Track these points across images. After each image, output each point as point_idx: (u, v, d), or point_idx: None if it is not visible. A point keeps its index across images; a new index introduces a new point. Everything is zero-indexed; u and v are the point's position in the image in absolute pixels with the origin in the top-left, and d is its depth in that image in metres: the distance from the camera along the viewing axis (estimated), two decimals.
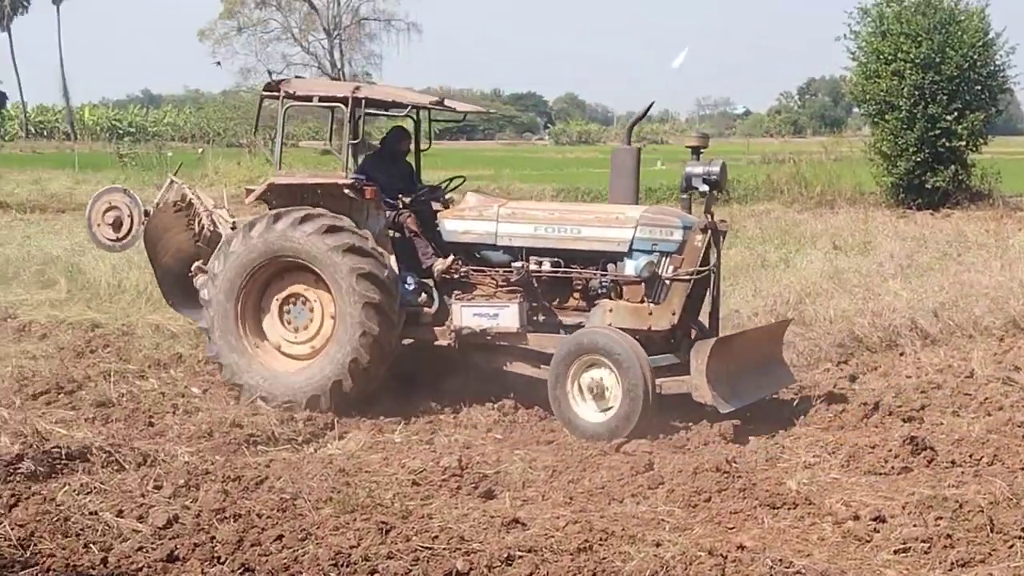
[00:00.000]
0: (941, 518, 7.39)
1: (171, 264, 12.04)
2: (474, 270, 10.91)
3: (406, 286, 10.87)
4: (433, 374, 11.23)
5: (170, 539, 6.85)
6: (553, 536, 7.09)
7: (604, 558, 6.74)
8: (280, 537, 6.90)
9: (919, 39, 31.93)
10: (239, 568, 6.46)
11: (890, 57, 32.40)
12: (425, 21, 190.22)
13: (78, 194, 32.63)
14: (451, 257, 10.91)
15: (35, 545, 6.75)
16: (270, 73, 10.68)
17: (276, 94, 11.08)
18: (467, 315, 10.60)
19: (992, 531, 7.14)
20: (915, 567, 6.77)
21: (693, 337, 10.61)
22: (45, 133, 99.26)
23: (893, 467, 8.73)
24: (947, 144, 31.79)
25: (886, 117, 32.10)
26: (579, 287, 10.79)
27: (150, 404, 10.38)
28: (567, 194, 33.52)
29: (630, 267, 10.54)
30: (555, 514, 7.63)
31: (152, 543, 6.82)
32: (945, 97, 31.80)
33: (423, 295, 10.99)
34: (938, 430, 9.82)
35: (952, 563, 6.75)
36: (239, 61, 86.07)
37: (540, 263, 10.69)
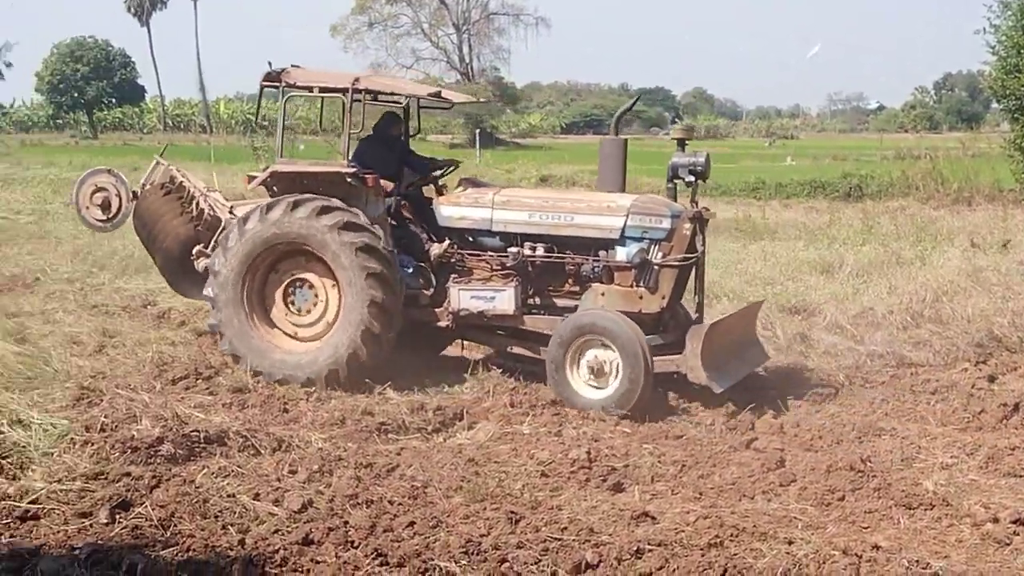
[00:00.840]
0: None
1: (172, 249, 12.52)
2: (470, 254, 11.34)
3: (405, 269, 11.29)
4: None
5: (305, 523, 7.00)
6: (683, 531, 7.05)
7: (735, 554, 6.67)
8: (412, 524, 6.99)
9: None
10: (372, 553, 6.55)
11: None
12: (554, 15, 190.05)
13: (214, 185, 33.30)
14: (447, 241, 11.37)
15: (175, 526, 6.95)
16: (269, 64, 10.81)
17: (276, 84, 11.30)
18: (465, 298, 11.07)
19: None
20: None
21: (679, 321, 11.16)
22: (182, 126, 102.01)
23: None
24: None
25: None
26: (571, 272, 11.17)
27: (284, 391, 10.57)
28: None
29: (621, 253, 10.97)
30: (685, 509, 7.58)
31: (288, 526, 6.98)
32: None
33: (420, 279, 11.46)
34: None
35: None
36: (369, 56, 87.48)
37: (534, 248, 11.11)
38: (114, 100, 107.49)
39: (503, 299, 10.99)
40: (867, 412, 10.35)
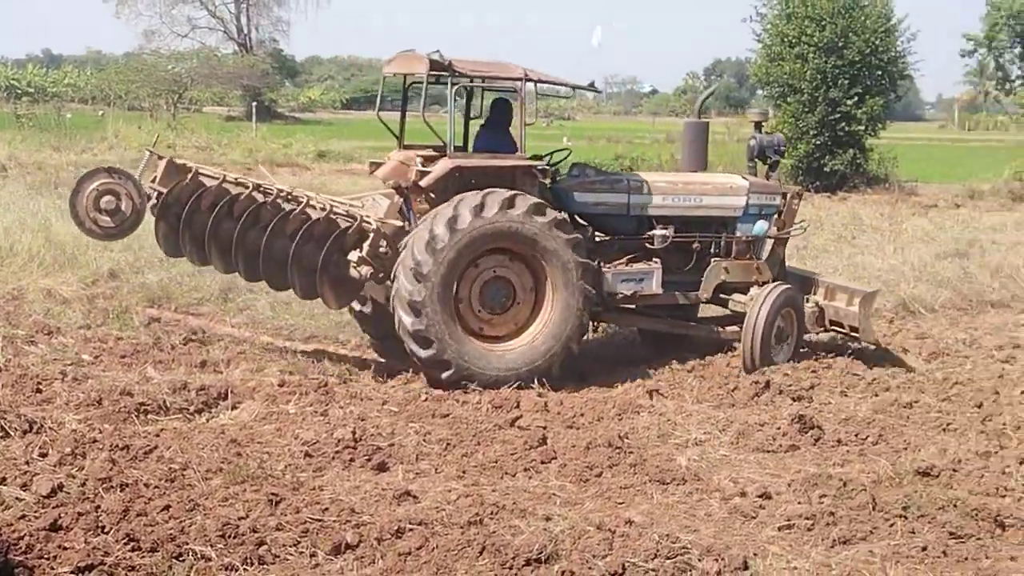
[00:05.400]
0: (825, 496, 7.57)
1: (292, 263, 10.65)
2: (615, 239, 11.71)
3: None
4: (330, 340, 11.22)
5: (54, 508, 6.73)
6: (444, 509, 7.12)
7: (494, 531, 6.77)
8: (167, 507, 6.82)
9: (823, 23, 32.44)
10: (123, 538, 6.36)
11: (794, 40, 32.89)
12: None
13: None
14: (671, 227, 11.74)
15: None
16: (440, 54, 10.31)
17: (444, 73, 10.87)
18: (616, 281, 11.42)
19: (874, 509, 7.33)
20: (798, 543, 6.90)
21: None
22: None
23: (781, 445, 8.92)
24: (846, 128, 32.36)
25: (788, 100, 32.63)
26: (697, 250, 11.97)
27: (39, 370, 10.15)
28: None
29: (742, 229, 12.16)
30: (447, 487, 7.66)
31: (35, 512, 6.69)
32: (846, 81, 32.38)
33: None
34: (826, 409, 10.02)
35: (834, 540, 6.92)
36: (143, 23, 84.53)
37: (666, 229, 11.67)
38: None
39: (651, 280, 11.52)
40: (627, 389, 10.65)
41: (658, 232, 11.61)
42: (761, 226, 12.21)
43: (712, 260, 11.96)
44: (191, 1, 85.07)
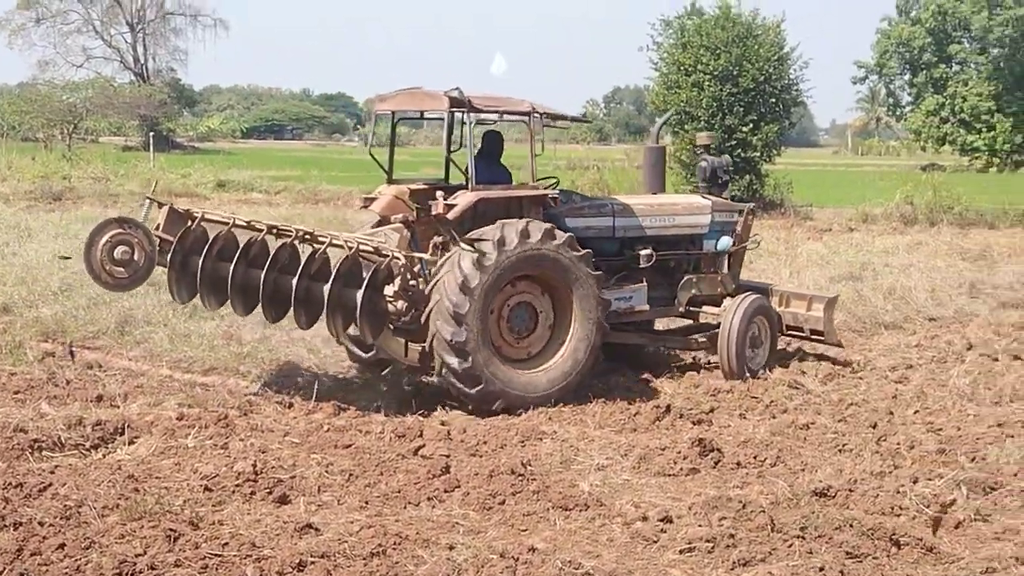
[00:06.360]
0: (725, 518, 7.65)
1: (339, 306, 10.51)
2: (603, 260, 11.99)
3: None
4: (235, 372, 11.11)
5: None
6: (347, 541, 7.06)
7: (397, 562, 6.75)
8: (62, 546, 6.68)
9: (718, 52, 33.07)
10: None
11: (690, 68, 33.46)
12: (233, 18, 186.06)
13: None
14: (650, 248, 12.51)
15: None
16: (460, 91, 10.64)
17: (463, 109, 11.33)
18: (610, 299, 11.84)
19: (773, 530, 7.42)
20: (699, 566, 6.98)
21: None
22: None
23: (682, 468, 9.01)
24: (742, 154, 32.94)
25: (685, 127, 33.09)
26: (672, 266, 12.99)
27: None
28: None
29: (707, 245, 13.19)
30: (350, 519, 7.60)
31: None
32: (741, 109, 33.01)
33: None
34: (725, 432, 10.18)
35: (734, 562, 7.00)
36: (36, 53, 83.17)
37: (647, 249, 12.45)
38: None
39: (639, 297, 12.29)
40: (531, 416, 10.69)
41: (644, 252, 12.38)
42: (725, 241, 13.24)
43: (685, 276, 13.00)
44: (86, 31, 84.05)
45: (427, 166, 30.62)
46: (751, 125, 33.08)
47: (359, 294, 10.39)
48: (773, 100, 33.81)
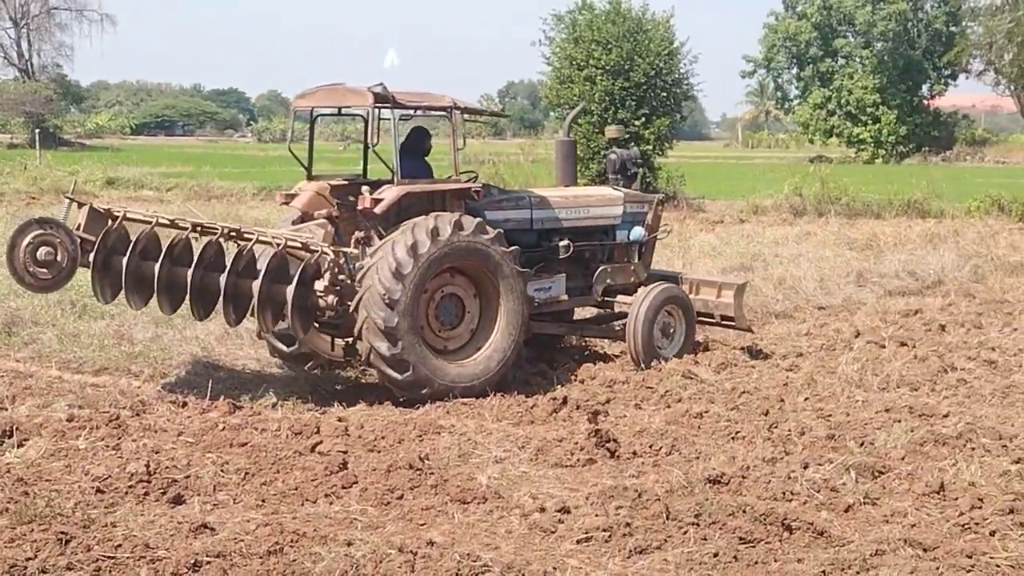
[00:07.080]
0: (621, 507, 7.74)
1: (268, 301, 10.59)
2: (522, 252, 11.99)
3: None
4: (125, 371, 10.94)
5: None
6: (243, 540, 7.00)
7: (294, 560, 6.71)
8: None
9: (609, 46, 33.32)
10: None
11: (582, 63, 33.67)
12: (120, 13, 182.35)
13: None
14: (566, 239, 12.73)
15: None
16: (383, 87, 10.52)
17: (387, 104, 11.43)
18: (530, 289, 12.03)
19: (668, 518, 7.53)
20: (596, 555, 7.05)
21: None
22: None
23: (579, 459, 9.08)
24: (636, 148, 33.17)
25: (579, 121, 33.27)
26: (587, 257, 13.23)
27: None
28: (268, 192, 32.94)
29: (620, 236, 13.50)
30: (246, 517, 7.53)
31: None
32: (634, 103, 33.31)
33: None
34: (621, 423, 10.28)
35: (631, 550, 7.09)
36: None
37: (563, 240, 12.66)
38: None
39: (558, 287, 12.68)
40: (428, 410, 10.69)
41: (562, 243, 12.60)
42: (638, 232, 13.56)
43: (600, 266, 13.26)
44: None
45: (321, 161, 30.33)
46: (643, 119, 33.39)
47: (290, 290, 10.43)
48: (664, 94, 34.15)
